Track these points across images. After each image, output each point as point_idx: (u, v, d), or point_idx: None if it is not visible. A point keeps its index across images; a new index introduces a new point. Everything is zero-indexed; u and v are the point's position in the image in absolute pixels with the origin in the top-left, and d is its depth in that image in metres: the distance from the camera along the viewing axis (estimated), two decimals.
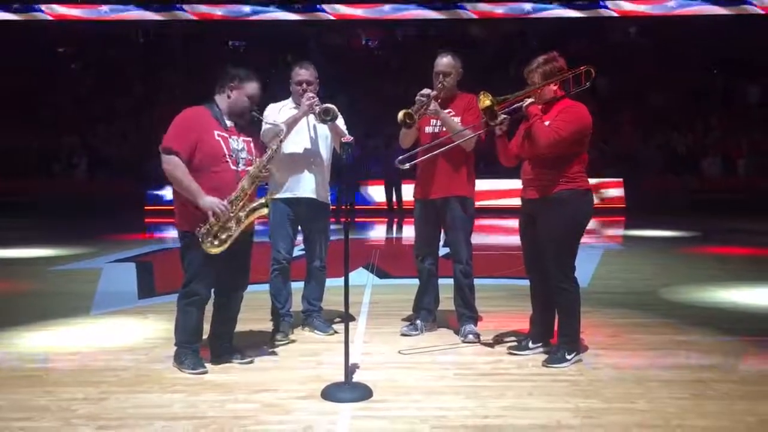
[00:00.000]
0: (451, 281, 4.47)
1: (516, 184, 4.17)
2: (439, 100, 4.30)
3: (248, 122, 3.86)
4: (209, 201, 3.55)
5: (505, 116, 3.82)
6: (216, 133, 3.70)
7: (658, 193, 14.39)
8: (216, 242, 3.58)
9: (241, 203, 3.63)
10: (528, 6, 19.14)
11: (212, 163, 3.64)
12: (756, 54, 17.45)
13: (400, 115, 4.21)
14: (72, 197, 14.22)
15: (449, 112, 4.33)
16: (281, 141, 3.87)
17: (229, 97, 3.78)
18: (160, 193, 14.44)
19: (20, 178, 15.13)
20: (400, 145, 4.47)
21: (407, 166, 4.16)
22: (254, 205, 3.67)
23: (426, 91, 4.27)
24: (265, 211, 3.69)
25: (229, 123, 3.79)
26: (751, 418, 3.05)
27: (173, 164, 3.60)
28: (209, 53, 19.42)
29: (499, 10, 19.31)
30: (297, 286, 4.59)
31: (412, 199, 4.65)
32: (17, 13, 18.60)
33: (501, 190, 13.34)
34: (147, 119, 16.78)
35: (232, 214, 3.60)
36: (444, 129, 4.33)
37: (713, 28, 18.51)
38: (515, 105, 3.83)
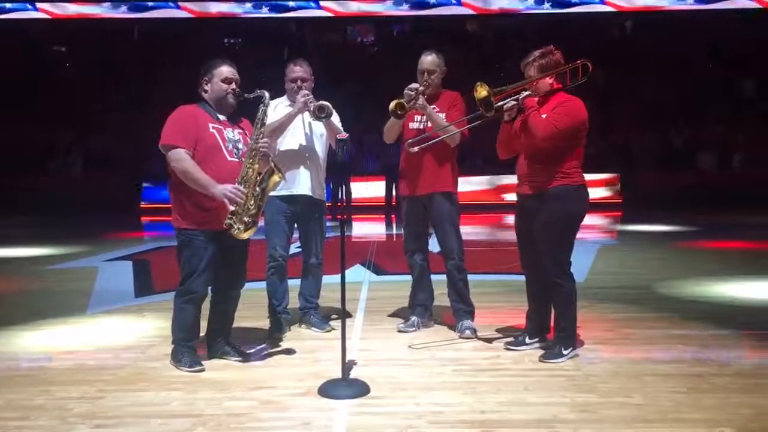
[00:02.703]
0: (444, 277, 4.48)
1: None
2: (425, 97, 4.33)
3: (236, 104, 3.83)
4: (221, 189, 3.54)
5: (514, 102, 3.82)
6: (210, 125, 3.73)
7: (654, 188, 14.39)
8: (242, 227, 3.56)
9: (252, 181, 3.61)
10: None
11: (210, 156, 3.64)
12: (752, 49, 17.44)
13: (392, 105, 4.26)
14: (68, 195, 14.17)
15: (434, 109, 4.37)
16: (266, 106, 3.81)
17: (206, 91, 3.81)
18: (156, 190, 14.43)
19: (16, 175, 15.06)
20: (384, 141, 4.54)
21: (416, 149, 4.22)
22: (263, 175, 3.63)
23: (414, 85, 4.33)
24: (276, 178, 3.66)
25: (221, 117, 3.80)
26: (748, 411, 3.06)
27: (180, 158, 3.60)
28: (206, 50, 19.33)
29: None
30: (294, 283, 4.59)
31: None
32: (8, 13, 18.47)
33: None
34: (143, 116, 16.71)
35: (248, 193, 3.58)
36: (429, 125, 4.37)
37: (710, 23, 18.47)
38: (511, 97, 3.83)
